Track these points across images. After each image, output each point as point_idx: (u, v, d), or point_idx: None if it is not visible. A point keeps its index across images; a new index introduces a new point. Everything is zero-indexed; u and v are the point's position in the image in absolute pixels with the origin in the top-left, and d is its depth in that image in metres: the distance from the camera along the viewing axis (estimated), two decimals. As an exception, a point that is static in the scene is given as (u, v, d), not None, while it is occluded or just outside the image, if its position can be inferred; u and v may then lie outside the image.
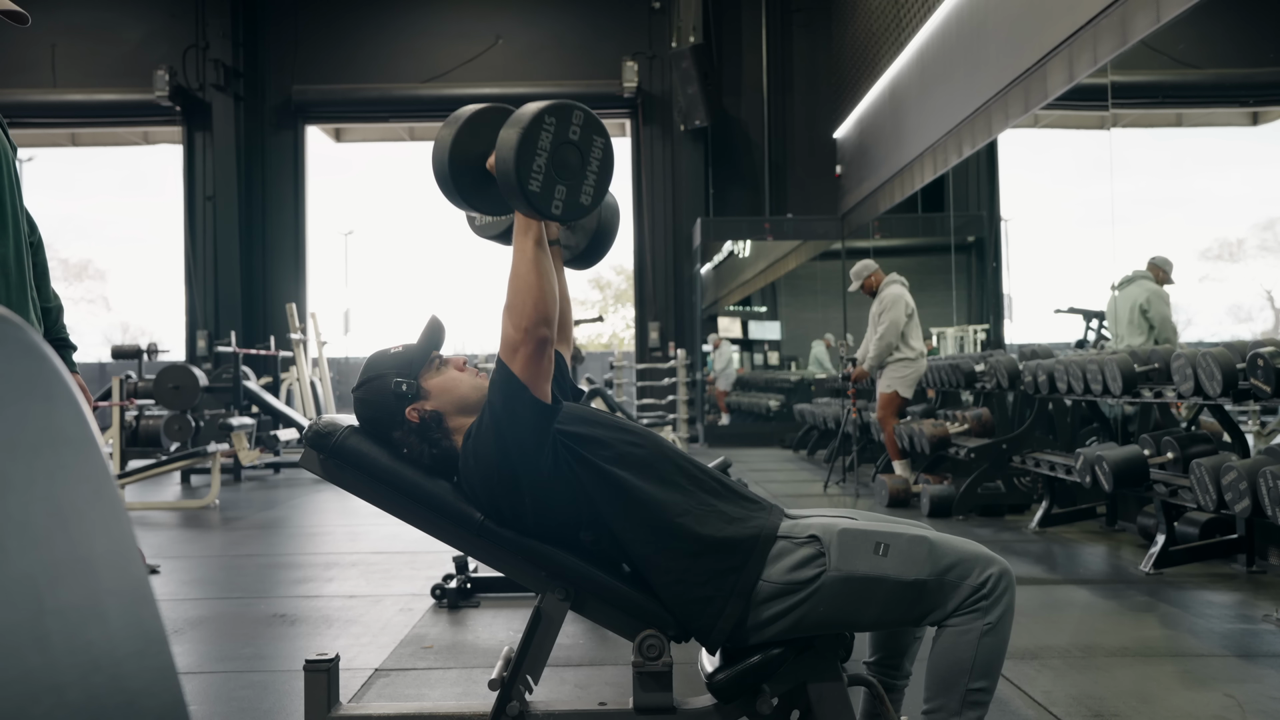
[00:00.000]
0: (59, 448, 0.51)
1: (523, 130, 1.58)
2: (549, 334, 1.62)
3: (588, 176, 1.65)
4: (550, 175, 1.60)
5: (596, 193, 1.67)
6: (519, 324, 1.60)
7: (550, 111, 1.61)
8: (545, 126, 1.60)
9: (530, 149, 1.58)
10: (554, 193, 1.61)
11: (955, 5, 7.76)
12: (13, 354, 0.50)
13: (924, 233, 11.45)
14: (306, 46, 12.80)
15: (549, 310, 1.62)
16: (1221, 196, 8.49)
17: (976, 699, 1.59)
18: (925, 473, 6.27)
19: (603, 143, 1.66)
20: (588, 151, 1.65)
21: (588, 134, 1.64)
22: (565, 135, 1.62)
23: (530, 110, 1.61)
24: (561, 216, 1.64)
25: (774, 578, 1.60)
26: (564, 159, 1.62)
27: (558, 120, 1.61)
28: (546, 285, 1.62)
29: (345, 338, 17.36)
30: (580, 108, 1.65)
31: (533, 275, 1.61)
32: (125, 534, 0.54)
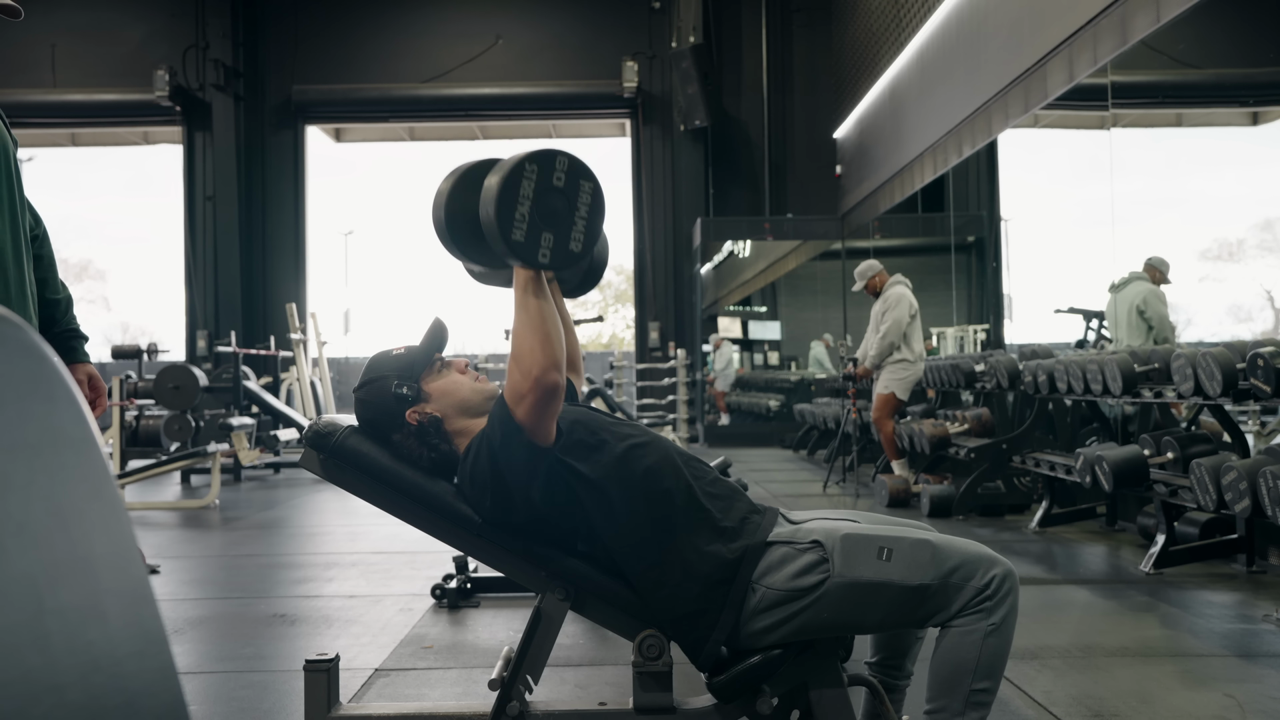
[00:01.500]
0: (59, 448, 0.51)
1: (503, 179, 1.55)
2: (559, 379, 1.59)
3: (576, 222, 1.61)
4: (535, 223, 1.57)
5: (587, 238, 1.63)
6: (527, 373, 1.57)
7: (531, 159, 1.58)
8: (526, 175, 1.57)
9: (511, 198, 1.55)
10: (540, 241, 1.58)
11: (955, 5, 7.76)
12: (13, 354, 0.50)
13: (924, 233, 11.45)
14: (306, 46, 12.80)
15: (555, 355, 1.59)
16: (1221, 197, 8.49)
17: (979, 699, 1.59)
18: (925, 473, 6.27)
19: (590, 187, 1.63)
20: (574, 197, 1.61)
21: (573, 179, 1.61)
22: (549, 182, 1.58)
23: (510, 159, 1.59)
24: (550, 265, 1.60)
25: (777, 585, 1.60)
26: (550, 206, 1.58)
27: (540, 167, 1.58)
28: (550, 332, 1.59)
29: (345, 338, 17.37)
30: (564, 153, 1.61)
31: (532, 324, 1.59)
32: (125, 534, 0.54)
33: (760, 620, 1.60)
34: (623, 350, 18.58)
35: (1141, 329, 6.05)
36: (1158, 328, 6.03)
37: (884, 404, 6.32)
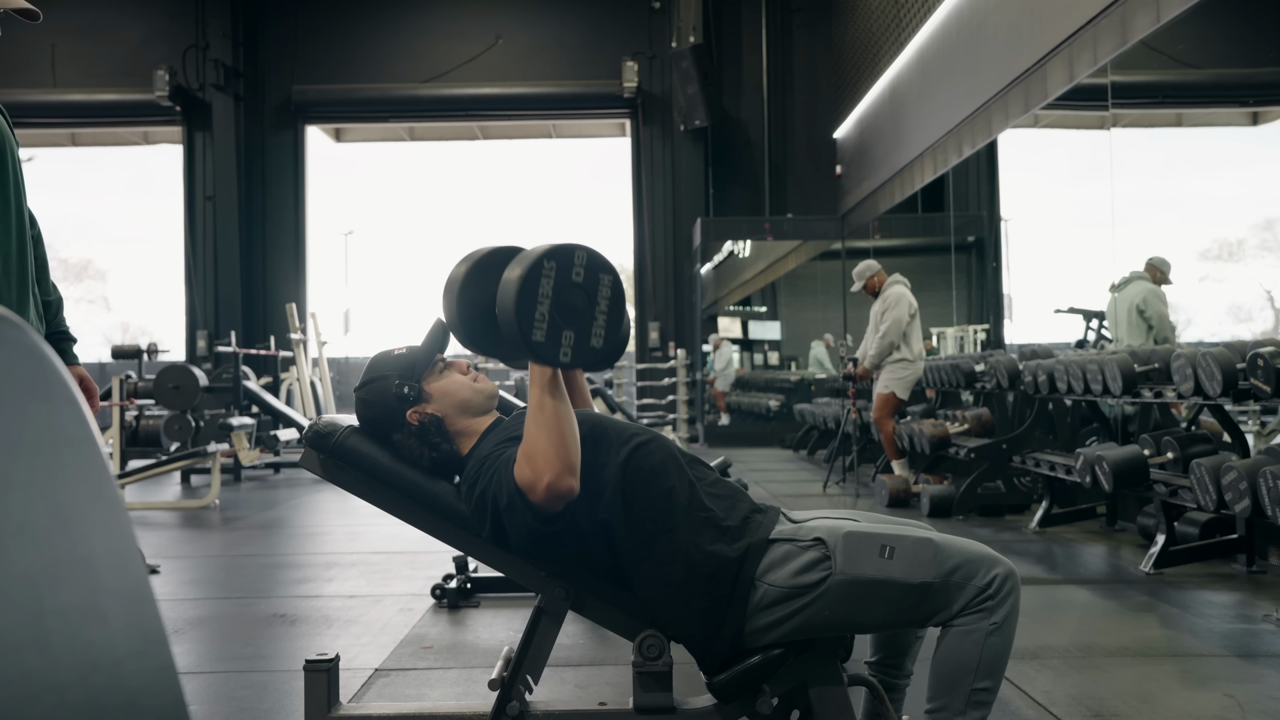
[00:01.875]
0: (59, 448, 0.51)
1: (521, 278, 1.51)
2: (572, 484, 1.55)
3: (597, 318, 1.56)
4: (555, 322, 1.53)
5: (609, 334, 1.58)
6: (539, 476, 1.53)
7: (549, 255, 1.53)
8: (545, 272, 1.52)
9: (531, 298, 1.50)
10: (561, 339, 1.53)
11: (955, 5, 7.76)
12: (13, 354, 0.50)
13: (924, 233, 11.46)
14: (306, 46, 12.80)
15: (570, 460, 1.55)
16: (1221, 197, 8.49)
17: (980, 699, 1.59)
18: (925, 473, 6.27)
19: (610, 280, 1.57)
20: (594, 292, 1.56)
21: (593, 274, 1.56)
22: (568, 278, 1.53)
23: (528, 255, 1.54)
24: (571, 364, 1.55)
25: (779, 582, 1.60)
26: (569, 303, 1.53)
27: (558, 264, 1.53)
28: (567, 434, 1.55)
29: (345, 338, 17.38)
30: (583, 248, 1.56)
31: (551, 426, 1.54)
32: (125, 534, 0.54)
33: (762, 617, 1.60)
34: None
35: (1141, 328, 6.05)
36: (1158, 327, 6.03)
37: (884, 403, 6.32)
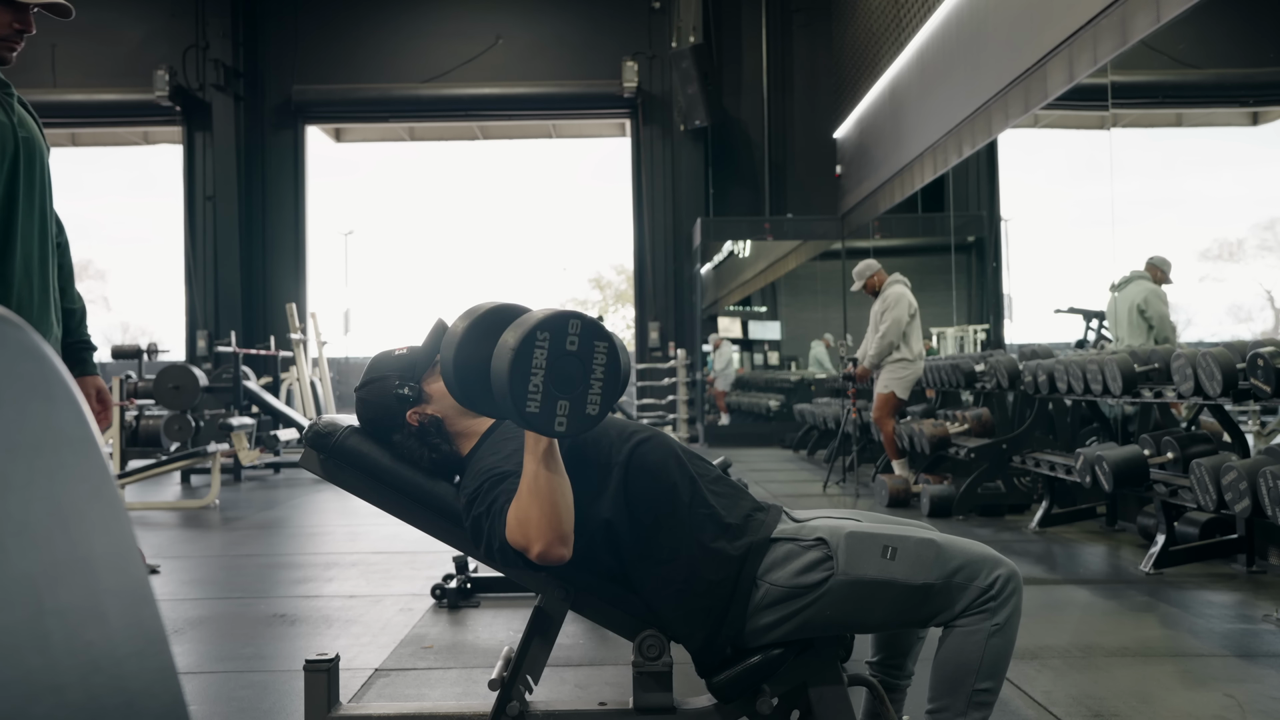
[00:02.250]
0: (59, 448, 0.51)
1: (515, 350, 1.49)
2: (564, 553, 1.54)
3: (592, 385, 1.55)
4: (550, 392, 1.51)
5: (604, 401, 1.56)
6: (530, 545, 1.53)
7: (542, 327, 1.51)
8: (539, 343, 1.50)
9: (524, 369, 1.49)
10: (555, 410, 1.52)
11: (955, 5, 7.76)
12: (13, 354, 0.50)
13: (924, 233, 11.46)
14: (306, 46, 12.80)
15: (562, 530, 1.54)
16: (1220, 197, 8.50)
17: (982, 699, 1.59)
18: (925, 473, 6.27)
19: (605, 347, 1.56)
20: (589, 360, 1.54)
21: (587, 342, 1.54)
22: (562, 348, 1.52)
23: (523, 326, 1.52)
24: (567, 432, 1.54)
25: (781, 581, 1.60)
26: (564, 372, 1.52)
27: (552, 335, 1.52)
28: (560, 504, 1.55)
29: (345, 338, 17.38)
30: (577, 317, 1.55)
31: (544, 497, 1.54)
32: (125, 534, 0.54)
33: (763, 617, 1.60)
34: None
35: (1142, 328, 6.05)
36: (1158, 327, 6.02)
37: (884, 403, 6.32)
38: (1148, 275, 6.21)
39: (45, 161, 1.99)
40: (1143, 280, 6.16)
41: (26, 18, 1.89)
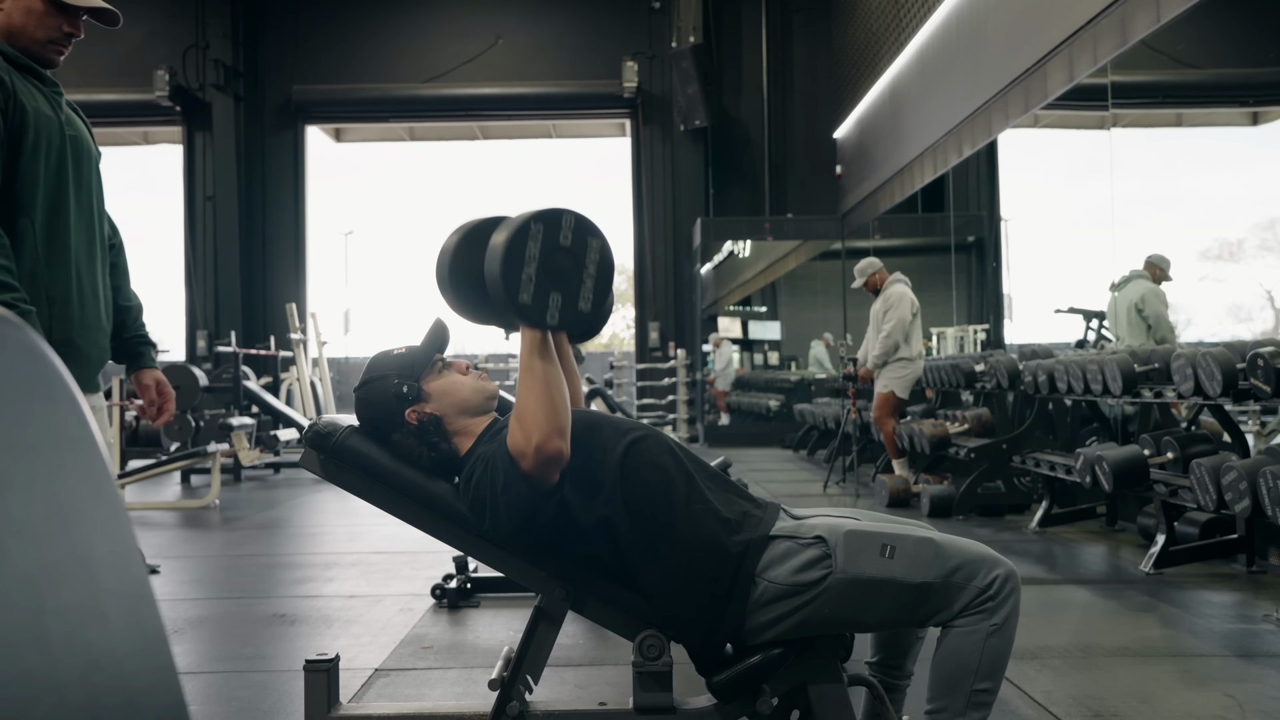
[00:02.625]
0: (59, 448, 0.51)
1: (508, 240, 1.52)
2: (561, 446, 1.58)
3: (585, 281, 1.58)
4: (543, 284, 1.54)
5: (596, 297, 1.60)
6: (529, 438, 1.56)
7: (536, 219, 1.55)
8: (532, 235, 1.54)
9: (518, 259, 1.52)
10: (548, 301, 1.55)
11: (955, 5, 7.76)
12: (13, 354, 0.50)
13: (924, 233, 11.45)
14: (306, 46, 12.80)
15: (559, 422, 1.57)
16: (1220, 197, 8.50)
17: (981, 700, 1.59)
18: (925, 473, 6.27)
19: (598, 245, 1.60)
20: (582, 255, 1.58)
21: (580, 237, 1.58)
22: (555, 241, 1.55)
23: (516, 219, 1.56)
24: (559, 325, 1.57)
25: (780, 579, 1.60)
26: (557, 265, 1.56)
27: (545, 227, 1.55)
28: (555, 397, 1.57)
29: (345, 338, 17.39)
30: (570, 212, 1.58)
31: (538, 389, 1.56)
32: (125, 534, 0.54)
33: (762, 614, 1.60)
34: (623, 350, 18.59)
35: (1141, 327, 6.05)
36: (1155, 326, 6.02)
37: (884, 403, 6.32)
38: (1146, 274, 6.21)
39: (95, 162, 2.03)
40: (1141, 279, 6.16)
41: (76, 22, 1.96)
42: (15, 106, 1.82)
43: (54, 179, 1.88)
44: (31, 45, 1.91)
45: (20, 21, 1.89)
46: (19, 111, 1.82)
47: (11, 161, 1.81)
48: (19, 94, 1.83)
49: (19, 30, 1.89)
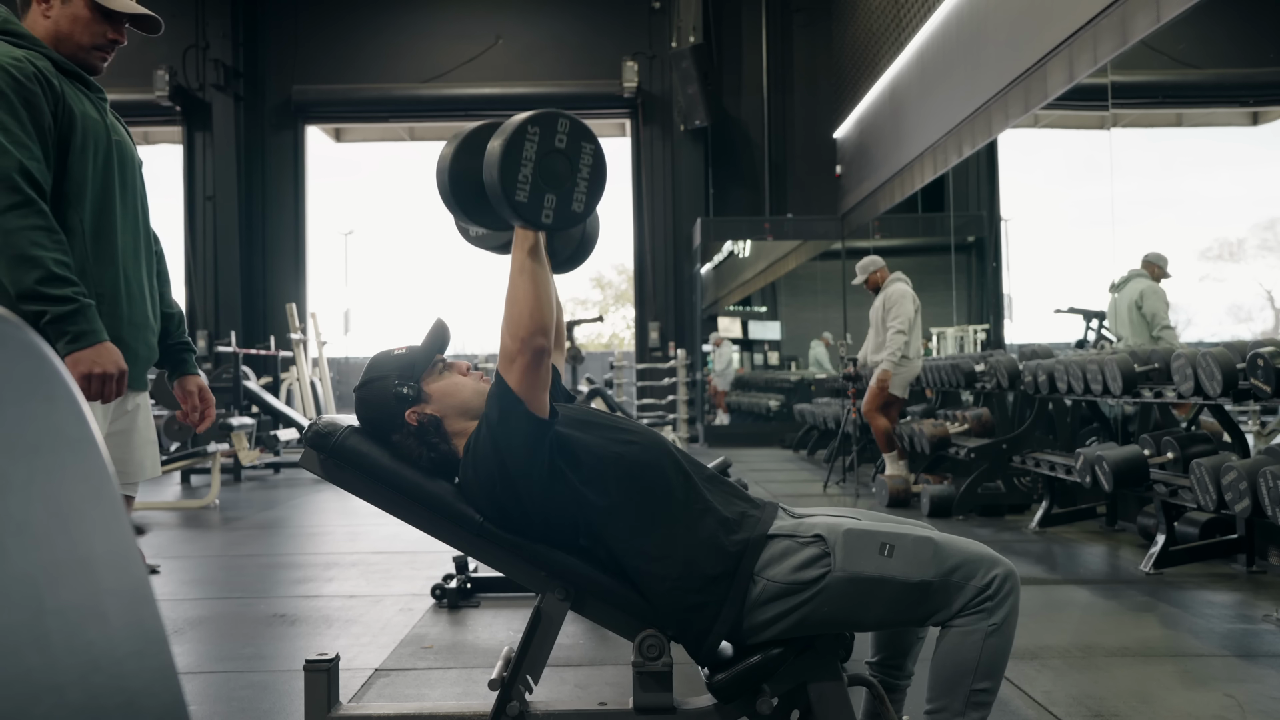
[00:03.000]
0: (59, 448, 0.51)
1: (505, 141, 1.57)
2: (545, 344, 1.62)
3: (579, 184, 1.63)
4: (538, 184, 1.59)
5: (589, 199, 1.65)
6: (516, 334, 1.60)
7: (533, 121, 1.59)
8: (529, 136, 1.58)
9: (514, 159, 1.57)
10: (543, 201, 1.60)
11: (955, 5, 7.76)
12: (13, 354, 0.50)
13: (924, 233, 11.45)
14: (306, 46, 12.80)
15: (545, 320, 1.62)
16: (1220, 197, 8.50)
17: (980, 699, 1.59)
18: (925, 473, 6.27)
19: (592, 149, 1.64)
20: (576, 159, 1.63)
21: (575, 141, 1.63)
22: (551, 144, 1.60)
23: (513, 121, 1.60)
24: (553, 225, 1.62)
25: (778, 577, 1.60)
26: (552, 167, 1.60)
27: (541, 129, 1.59)
28: (543, 295, 1.62)
29: (345, 338, 17.39)
30: (565, 115, 1.62)
31: (529, 286, 1.61)
32: (125, 534, 0.54)
33: (761, 613, 1.60)
34: (623, 350, 18.59)
35: (1141, 325, 6.04)
36: (1151, 322, 5.99)
37: (874, 396, 6.19)
38: (1145, 273, 6.20)
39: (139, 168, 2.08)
40: (1140, 278, 6.15)
41: (120, 28, 2.00)
42: (64, 109, 1.87)
43: (101, 179, 1.94)
44: (77, 52, 1.96)
45: (67, 29, 1.94)
46: (68, 114, 1.88)
47: (61, 160, 1.87)
48: (67, 98, 1.88)
49: (66, 37, 1.95)
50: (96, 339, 1.79)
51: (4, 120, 1.77)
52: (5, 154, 1.76)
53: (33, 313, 1.76)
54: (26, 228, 1.75)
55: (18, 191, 1.75)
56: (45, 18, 1.94)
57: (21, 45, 1.87)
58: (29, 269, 1.75)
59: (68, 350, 1.77)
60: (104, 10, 1.96)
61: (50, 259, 1.76)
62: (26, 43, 1.89)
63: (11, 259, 1.75)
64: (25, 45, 1.88)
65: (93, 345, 1.78)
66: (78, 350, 1.77)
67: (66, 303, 1.77)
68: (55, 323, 1.76)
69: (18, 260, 1.75)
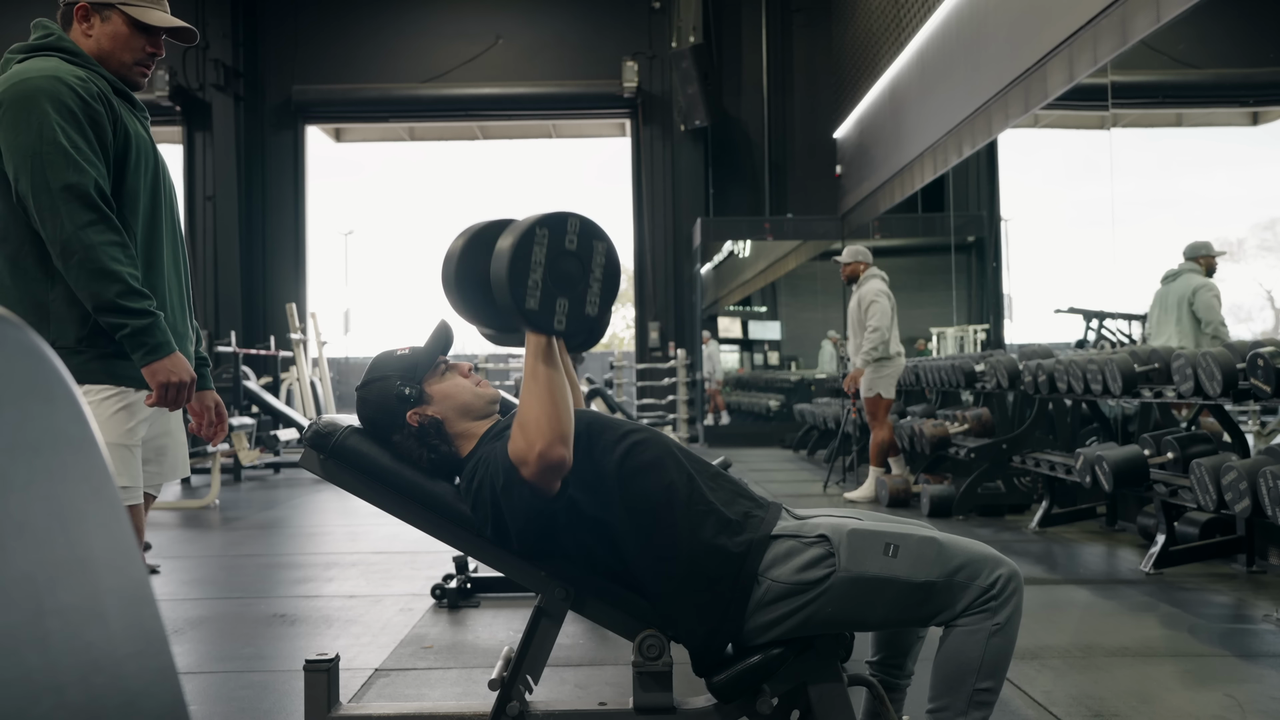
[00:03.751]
0: (59, 448, 0.51)
1: (514, 246, 1.51)
2: (564, 454, 1.56)
3: (591, 285, 1.57)
4: (549, 290, 1.53)
5: (603, 301, 1.59)
6: (531, 446, 1.55)
7: (542, 224, 1.54)
8: (537, 240, 1.52)
9: (524, 265, 1.51)
10: (555, 307, 1.54)
11: (955, 5, 7.76)
12: (13, 354, 0.50)
13: (924, 233, 11.45)
14: (306, 46, 12.80)
15: (563, 430, 1.56)
16: (1220, 197, 8.50)
17: (982, 699, 1.59)
18: (925, 473, 6.27)
19: (604, 248, 1.58)
20: (588, 259, 1.57)
21: (586, 241, 1.57)
22: (561, 246, 1.54)
23: (521, 225, 1.54)
24: (566, 331, 1.56)
25: (783, 578, 1.60)
26: (563, 270, 1.54)
27: (551, 232, 1.54)
28: (560, 401, 1.56)
29: (345, 338, 17.39)
30: (575, 215, 1.57)
31: (544, 394, 1.56)
32: (125, 534, 0.54)
33: (765, 614, 1.60)
34: (623, 350, 18.59)
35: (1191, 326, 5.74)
36: (1205, 319, 5.72)
37: (877, 406, 6.17)
38: (1200, 267, 5.85)
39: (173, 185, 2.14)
40: (1192, 273, 5.78)
41: (158, 41, 2.04)
42: (120, 127, 1.93)
43: (150, 195, 1.99)
44: (120, 69, 2.00)
45: (109, 46, 1.98)
46: (123, 132, 1.93)
47: (118, 177, 1.92)
48: (122, 117, 1.94)
49: (108, 55, 1.99)
50: (170, 349, 1.85)
51: (76, 139, 1.82)
52: (82, 172, 1.81)
53: (112, 325, 1.81)
54: (105, 243, 1.81)
55: (95, 209, 1.81)
56: (87, 37, 1.98)
57: (81, 64, 1.92)
58: (109, 283, 1.80)
59: (145, 361, 1.83)
60: (141, 25, 1.99)
61: (127, 273, 1.82)
62: (82, 61, 1.93)
63: (92, 273, 1.80)
64: (84, 64, 1.93)
65: (168, 355, 1.85)
66: (155, 361, 1.83)
67: (145, 316, 1.82)
68: (135, 335, 1.82)
69: (98, 274, 1.80)
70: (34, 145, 1.80)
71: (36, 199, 1.80)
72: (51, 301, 1.86)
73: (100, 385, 1.88)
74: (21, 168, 1.80)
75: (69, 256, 1.79)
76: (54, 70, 1.86)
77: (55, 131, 1.80)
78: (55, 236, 1.80)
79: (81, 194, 1.80)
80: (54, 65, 1.87)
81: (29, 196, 1.80)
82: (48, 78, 1.84)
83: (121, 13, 1.97)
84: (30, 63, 1.89)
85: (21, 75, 1.85)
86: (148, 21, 1.99)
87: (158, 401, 1.85)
